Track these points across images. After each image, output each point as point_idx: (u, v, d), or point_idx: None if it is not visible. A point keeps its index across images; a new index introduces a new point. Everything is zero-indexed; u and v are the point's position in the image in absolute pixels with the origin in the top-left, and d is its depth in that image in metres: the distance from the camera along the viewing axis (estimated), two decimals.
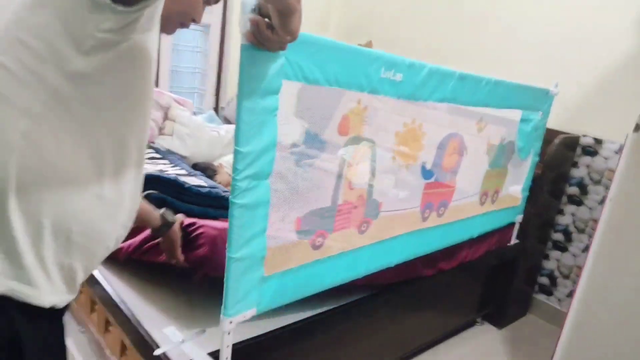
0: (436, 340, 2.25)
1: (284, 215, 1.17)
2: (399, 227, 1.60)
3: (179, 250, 1.27)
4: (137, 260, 1.44)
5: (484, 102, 1.79)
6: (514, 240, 2.43)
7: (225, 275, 1.07)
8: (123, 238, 0.88)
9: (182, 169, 1.90)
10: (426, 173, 1.67)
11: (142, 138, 0.85)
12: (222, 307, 1.08)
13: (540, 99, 2.16)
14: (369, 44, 3.10)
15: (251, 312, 1.14)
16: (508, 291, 2.49)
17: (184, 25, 0.97)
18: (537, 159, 2.32)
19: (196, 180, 1.74)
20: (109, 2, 0.67)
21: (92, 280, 1.49)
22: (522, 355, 2.33)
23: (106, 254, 0.85)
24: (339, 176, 1.29)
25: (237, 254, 1.05)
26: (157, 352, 1.17)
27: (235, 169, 1.01)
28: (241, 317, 1.12)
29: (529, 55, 2.71)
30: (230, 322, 1.09)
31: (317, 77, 1.13)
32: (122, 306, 1.33)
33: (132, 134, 0.81)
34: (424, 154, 1.61)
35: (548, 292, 2.69)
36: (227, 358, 1.10)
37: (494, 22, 2.90)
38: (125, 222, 0.86)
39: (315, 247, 1.29)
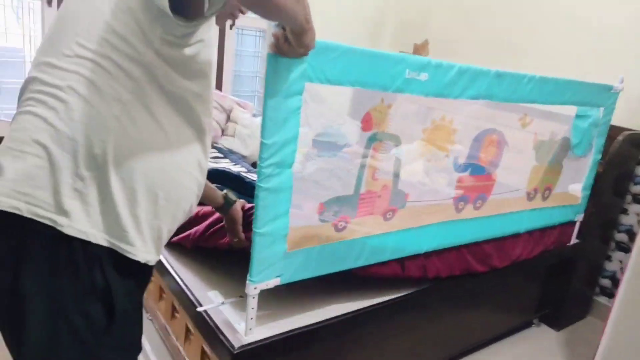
0: (491, 339, 2.29)
1: (306, 200, 1.34)
2: (428, 217, 1.71)
3: (240, 228, 1.43)
4: (202, 247, 1.67)
5: (528, 99, 1.81)
6: (574, 240, 2.40)
7: (251, 247, 1.27)
8: (196, 205, 1.08)
9: (243, 167, 2.16)
10: (459, 167, 1.75)
11: (209, 122, 1.05)
12: (248, 274, 1.28)
13: (600, 95, 2.12)
14: (424, 44, 3.15)
15: (274, 281, 1.34)
16: (567, 292, 2.46)
17: (234, 15, 1.17)
18: (598, 156, 2.27)
19: (255, 177, 1.98)
20: (171, 16, 0.87)
21: (161, 270, 1.76)
22: (580, 358, 2.31)
23: (184, 218, 1.05)
24: (362, 167, 1.44)
25: (261, 230, 1.25)
26: (199, 309, 1.41)
27: (260, 158, 1.21)
28: (264, 284, 1.32)
29: (593, 47, 2.63)
30: (255, 288, 1.30)
31: (340, 79, 1.29)
32: (187, 292, 1.55)
33: (204, 115, 1.01)
34: (456, 148, 1.70)
35: (610, 294, 2.62)
36: (251, 318, 1.31)
37: (555, 15, 2.84)
38: (198, 191, 1.06)
39: (338, 230, 1.45)
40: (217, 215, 1.55)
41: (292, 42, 1.04)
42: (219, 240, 1.58)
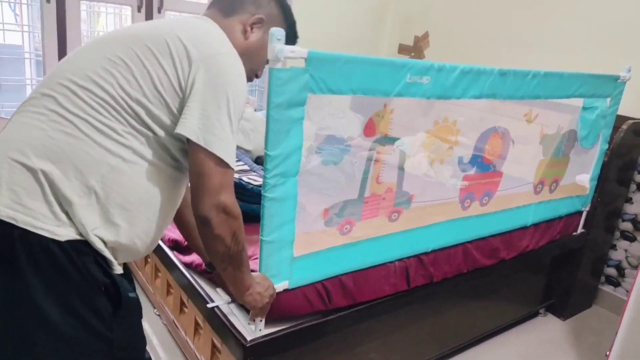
0: (498, 329, 2.37)
1: (312, 207, 1.41)
2: (434, 216, 1.77)
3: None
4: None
5: (532, 95, 1.85)
6: (580, 230, 2.47)
7: (259, 254, 1.34)
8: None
9: (245, 163, 2.23)
10: (464, 166, 1.81)
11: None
12: None
13: (607, 85, 2.15)
14: (425, 36, 3.16)
15: (283, 285, 1.42)
16: (573, 282, 2.54)
17: (250, 80, 1.29)
18: (605, 146, 2.32)
19: (257, 179, 2.04)
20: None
21: (169, 265, 1.84)
22: (586, 346, 2.39)
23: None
24: (366, 171, 1.50)
25: (267, 238, 1.32)
26: (210, 305, 1.49)
27: (265, 169, 1.26)
28: None
29: (599, 37, 2.65)
30: None
31: (342, 88, 1.33)
32: (197, 287, 1.63)
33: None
34: (459, 147, 1.75)
35: (615, 283, 2.70)
36: (261, 320, 1.39)
37: (558, 6, 2.86)
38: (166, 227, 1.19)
39: (344, 233, 1.52)
40: None
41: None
42: None
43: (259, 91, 3.44)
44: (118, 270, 1.08)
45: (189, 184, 1.08)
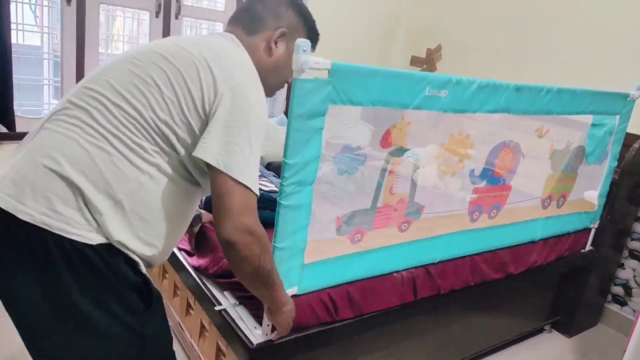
0: (502, 344, 2.39)
1: (325, 215, 1.43)
2: (443, 227, 1.80)
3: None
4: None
5: (545, 110, 1.88)
6: (588, 247, 2.48)
7: None
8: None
9: None
10: (475, 179, 1.83)
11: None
12: None
13: (616, 103, 2.18)
14: (437, 48, 3.20)
15: (292, 290, 1.44)
16: (579, 299, 2.55)
17: (281, 88, 1.36)
18: (614, 163, 2.34)
19: (268, 184, 2.06)
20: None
21: (177, 266, 1.87)
22: None
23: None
24: (379, 183, 1.53)
25: (280, 244, 1.35)
26: (218, 308, 1.52)
27: (283, 177, 1.29)
28: None
29: (609, 55, 2.69)
30: None
31: (362, 100, 1.36)
32: (205, 290, 1.66)
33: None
34: (472, 162, 1.77)
35: (622, 302, 2.71)
36: (268, 325, 1.41)
37: (569, 22, 2.89)
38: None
39: (354, 242, 1.55)
40: None
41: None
42: None
43: (272, 99, 3.47)
44: (144, 270, 1.12)
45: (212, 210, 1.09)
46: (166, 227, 1.11)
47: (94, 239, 1.00)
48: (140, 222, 1.06)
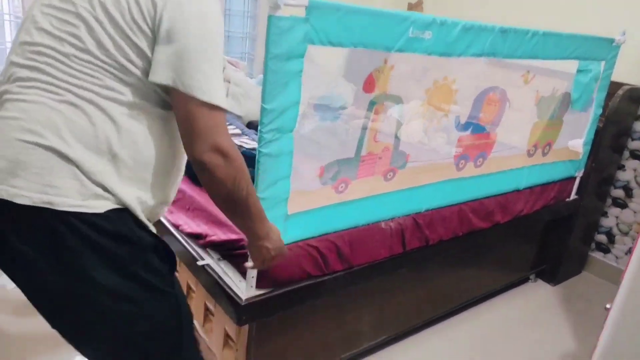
0: (488, 294, 2.42)
1: (307, 163, 1.39)
2: (429, 177, 1.77)
3: None
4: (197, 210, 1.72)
5: (531, 54, 1.84)
6: (573, 196, 2.49)
7: None
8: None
9: (237, 127, 2.20)
10: (460, 126, 1.80)
11: None
12: None
13: (602, 48, 2.15)
14: (419, 3, 3.11)
15: None
16: (564, 248, 2.58)
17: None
18: (599, 111, 2.33)
19: (249, 142, 2.01)
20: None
21: (160, 229, 1.79)
22: (576, 311, 2.45)
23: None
24: (363, 129, 1.48)
25: (262, 194, 1.31)
26: (200, 263, 1.49)
27: (261, 122, 1.24)
28: None
29: (595, 2, 2.64)
30: None
31: (343, 40, 1.31)
32: (188, 248, 1.61)
33: None
34: (457, 108, 1.74)
35: (605, 249, 2.75)
36: (252, 277, 1.38)
37: None
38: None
39: (339, 192, 1.51)
40: None
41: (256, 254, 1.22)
42: None
43: (249, 59, 3.36)
44: (154, 230, 1.06)
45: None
46: (162, 167, 1.04)
47: (100, 206, 0.94)
48: (136, 170, 0.99)
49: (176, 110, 0.97)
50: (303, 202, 1.43)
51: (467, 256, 2.15)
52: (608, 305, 1.47)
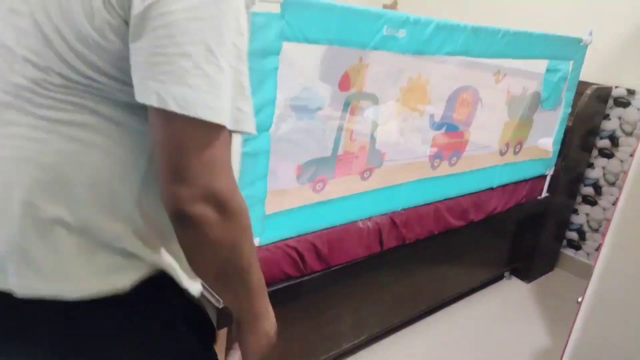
0: (464, 293, 2.43)
1: (284, 163, 1.38)
2: (405, 175, 1.78)
3: None
4: None
5: (502, 54, 1.88)
6: (544, 194, 2.54)
7: None
8: None
9: None
10: (435, 125, 1.82)
11: None
12: None
13: (570, 47, 2.21)
14: (394, 3, 3.15)
15: (254, 241, 1.38)
16: (536, 246, 2.62)
17: None
18: (568, 110, 2.39)
19: None
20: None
21: None
22: (550, 308, 2.48)
23: None
24: (340, 128, 1.48)
25: None
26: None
27: None
28: None
29: (563, 2, 2.72)
30: None
31: (318, 37, 1.30)
32: None
33: None
34: (431, 107, 1.75)
35: (576, 246, 2.81)
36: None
37: None
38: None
39: (316, 191, 1.51)
40: None
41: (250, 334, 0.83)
42: None
43: None
44: (196, 288, 0.81)
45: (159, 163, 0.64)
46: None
47: (128, 280, 0.70)
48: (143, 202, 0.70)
49: (155, 131, 0.62)
50: (281, 202, 1.41)
51: (444, 255, 2.17)
52: (580, 299, 1.51)
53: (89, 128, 0.65)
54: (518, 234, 2.57)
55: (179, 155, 0.60)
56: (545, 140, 2.42)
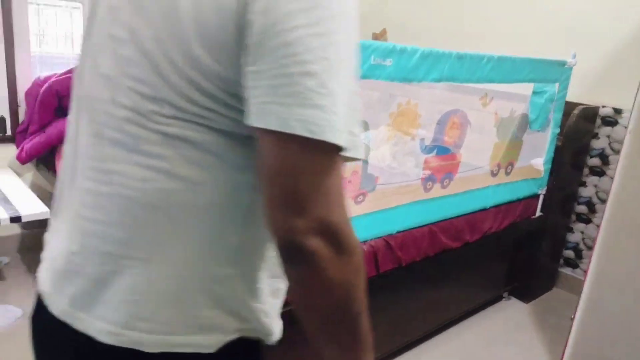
0: (464, 313, 2.45)
1: None
2: (398, 198, 1.83)
3: None
4: None
5: (487, 79, 1.95)
6: (538, 213, 2.58)
7: None
8: None
9: None
10: (425, 148, 1.87)
11: None
12: None
13: (555, 70, 2.28)
14: (383, 32, 3.26)
15: None
16: (534, 265, 2.65)
17: None
18: (557, 130, 2.45)
19: None
20: None
21: None
22: (550, 328, 2.50)
23: None
24: None
25: None
26: None
27: None
28: None
29: (546, 26, 2.82)
30: None
31: None
32: None
33: None
34: (421, 131, 1.81)
35: (573, 264, 2.84)
36: None
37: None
38: None
39: None
40: None
41: None
42: None
43: None
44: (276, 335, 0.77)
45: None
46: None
47: (212, 342, 0.66)
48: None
49: (266, 157, 0.57)
50: None
51: (441, 276, 2.20)
52: (572, 316, 1.54)
53: (195, 165, 0.61)
54: (514, 254, 2.60)
55: (295, 182, 0.55)
56: (536, 161, 2.47)
